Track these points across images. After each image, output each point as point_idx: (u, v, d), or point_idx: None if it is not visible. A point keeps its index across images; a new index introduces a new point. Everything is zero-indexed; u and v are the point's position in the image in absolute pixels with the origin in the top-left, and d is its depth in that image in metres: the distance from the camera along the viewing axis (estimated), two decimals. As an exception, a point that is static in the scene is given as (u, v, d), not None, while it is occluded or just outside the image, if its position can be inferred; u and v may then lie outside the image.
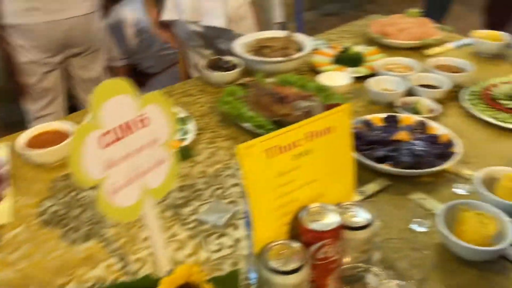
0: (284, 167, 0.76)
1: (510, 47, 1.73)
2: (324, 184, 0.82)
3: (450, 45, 1.83)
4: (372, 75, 1.55)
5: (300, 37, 1.74)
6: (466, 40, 1.86)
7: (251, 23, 2.04)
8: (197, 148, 1.27)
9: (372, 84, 1.45)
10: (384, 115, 1.29)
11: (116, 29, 2.30)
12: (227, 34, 1.94)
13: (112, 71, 2.43)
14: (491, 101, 1.39)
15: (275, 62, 1.58)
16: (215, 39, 2.01)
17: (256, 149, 0.70)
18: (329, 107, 1.32)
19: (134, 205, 0.70)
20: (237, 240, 0.96)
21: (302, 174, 0.78)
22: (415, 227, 0.98)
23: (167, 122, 0.72)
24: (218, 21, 1.92)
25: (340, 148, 0.82)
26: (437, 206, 0.99)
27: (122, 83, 0.65)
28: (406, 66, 1.60)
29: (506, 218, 0.90)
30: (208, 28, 1.95)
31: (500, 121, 1.31)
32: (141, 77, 2.52)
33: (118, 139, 0.65)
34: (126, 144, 0.67)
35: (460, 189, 1.07)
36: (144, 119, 0.68)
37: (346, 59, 1.67)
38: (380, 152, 1.14)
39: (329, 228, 0.75)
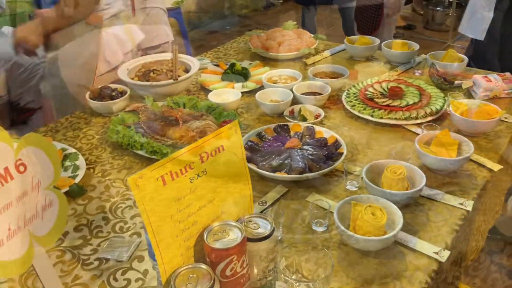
0: (182, 191, 0.76)
1: (379, 49, 1.90)
2: (223, 202, 0.83)
3: (326, 53, 1.97)
4: (260, 88, 1.61)
5: (187, 57, 1.75)
6: (340, 47, 2.01)
7: None
8: (90, 184, 1.21)
9: (261, 97, 1.51)
10: (274, 125, 1.35)
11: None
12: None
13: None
14: (368, 100, 1.51)
15: (163, 85, 1.57)
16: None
17: (148, 178, 0.69)
18: (222, 124, 1.35)
19: (21, 257, 0.64)
20: (145, 272, 0.93)
21: (200, 195, 0.79)
22: (316, 227, 1.03)
23: (49, 163, 0.68)
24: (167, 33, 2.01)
25: (234, 164, 0.84)
26: (333, 205, 1.05)
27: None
28: (290, 76, 1.68)
29: (393, 206, 0.98)
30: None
31: (377, 117, 1.42)
32: (22, 114, 2.35)
33: (-9, 190, 0.59)
34: (3, 194, 0.61)
35: (351, 186, 1.15)
36: (21, 164, 0.63)
37: (234, 76, 1.71)
38: (275, 162, 1.19)
39: (233, 244, 0.76)
